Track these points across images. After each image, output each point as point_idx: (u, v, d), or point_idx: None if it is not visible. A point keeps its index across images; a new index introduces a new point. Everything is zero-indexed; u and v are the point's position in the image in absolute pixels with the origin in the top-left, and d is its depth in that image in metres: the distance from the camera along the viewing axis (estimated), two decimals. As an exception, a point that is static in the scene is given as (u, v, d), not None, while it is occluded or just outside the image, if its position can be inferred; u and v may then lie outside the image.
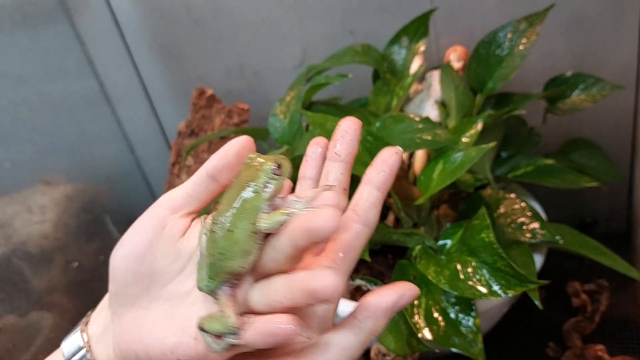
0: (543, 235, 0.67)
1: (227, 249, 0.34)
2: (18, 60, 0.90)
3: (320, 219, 0.31)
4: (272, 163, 0.34)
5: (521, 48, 0.74)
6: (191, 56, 1.03)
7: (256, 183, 0.34)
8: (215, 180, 0.39)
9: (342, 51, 0.85)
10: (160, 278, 0.40)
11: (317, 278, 0.33)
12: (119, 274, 0.40)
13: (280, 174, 0.34)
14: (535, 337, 0.80)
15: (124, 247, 0.40)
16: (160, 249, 0.39)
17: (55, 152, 0.99)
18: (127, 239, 0.40)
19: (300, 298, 0.33)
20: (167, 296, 0.40)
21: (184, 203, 0.40)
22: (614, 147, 0.85)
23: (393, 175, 0.40)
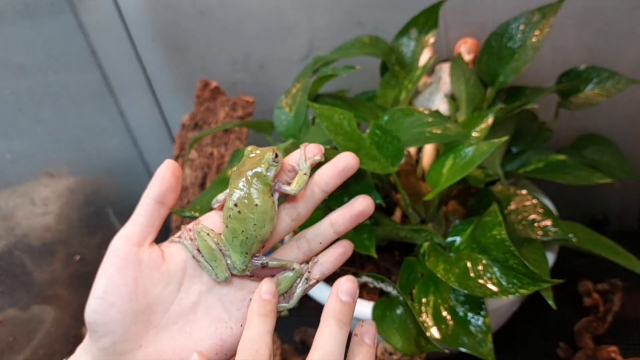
0: (555, 233, 0.65)
1: (259, 219, 0.42)
2: (21, 50, 0.89)
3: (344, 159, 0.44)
4: (272, 153, 0.42)
5: (534, 40, 0.72)
6: (195, 48, 1.01)
7: (262, 168, 0.42)
8: (163, 204, 0.42)
9: (349, 43, 0.83)
10: (159, 307, 0.41)
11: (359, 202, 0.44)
12: (115, 323, 0.39)
13: (278, 161, 0.42)
14: (545, 337, 0.78)
15: (110, 296, 0.39)
16: (148, 281, 0.41)
17: (57, 144, 0.98)
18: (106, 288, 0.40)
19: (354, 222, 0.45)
20: (173, 319, 0.41)
21: (145, 235, 0.41)
22: (628, 143, 0.83)
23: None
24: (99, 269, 0.41)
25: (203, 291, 0.43)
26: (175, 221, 1.01)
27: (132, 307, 0.40)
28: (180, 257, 0.42)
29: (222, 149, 0.96)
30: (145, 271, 0.40)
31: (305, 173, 0.43)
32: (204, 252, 0.42)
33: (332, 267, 0.45)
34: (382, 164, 0.61)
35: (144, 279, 0.40)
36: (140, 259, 0.41)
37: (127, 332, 0.40)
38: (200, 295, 0.43)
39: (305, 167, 0.43)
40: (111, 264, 0.40)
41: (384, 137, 0.63)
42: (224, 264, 0.42)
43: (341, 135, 0.61)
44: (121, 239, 0.41)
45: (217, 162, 0.96)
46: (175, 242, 0.43)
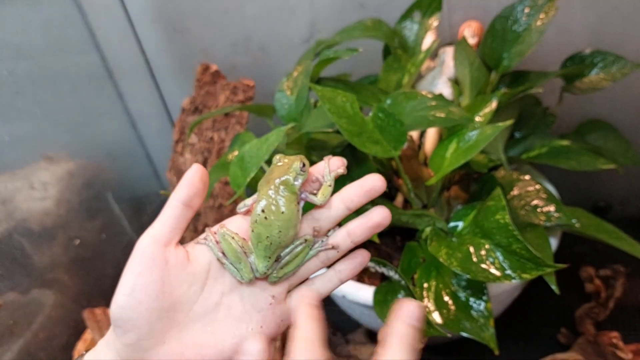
0: (558, 219, 0.64)
1: (284, 226, 0.43)
2: (19, 31, 0.88)
3: (371, 181, 0.46)
4: (300, 162, 0.44)
5: (539, 24, 0.71)
6: (196, 30, 1.00)
7: (289, 177, 0.44)
8: (190, 207, 0.43)
9: (352, 25, 0.82)
10: (183, 306, 0.43)
11: (376, 214, 0.46)
12: (141, 320, 0.41)
13: (305, 170, 0.44)
14: (546, 323, 0.78)
15: (138, 294, 0.41)
16: (173, 281, 0.42)
17: (56, 127, 0.97)
18: (135, 286, 0.41)
19: (370, 233, 0.46)
20: (195, 318, 0.43)
21: (172, 236, 0.43)
22: (632, 129, 0.83)
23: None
24: (126, 266, 0.42)
25: (225, 292, 0.45)
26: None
27: (158, 305, 0.41)
28: (205, 259, 0.44)
29: (223, 133, 0.96)
30: (171, 271, 0.42)
31: (330, 185, 0.45)
32: (228, 254, 0.44)
33: (350, 274, 0.47)
34: (384, 147, 0.61)
35: (170, 278, 0.42)
36: (167, 259, 0.42)
37: (152, 329, 0.41)
38: (222, 296, 0.45)
39: (330, 179, 0.46)
40: (140, 262, 0.42)
41: (386, 120, 0.62)
42: (248, 266, 0.44)
43: (344, 118, 0.60)
44: (149, 238, 0.42)
45: (218, 147, 0.96)
46: (201, 243, 0.45)
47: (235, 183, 0.62)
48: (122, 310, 0.41)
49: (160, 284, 0.41)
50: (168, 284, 0.42)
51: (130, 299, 0.41)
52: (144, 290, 0.41)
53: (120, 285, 0.41)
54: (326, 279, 0.47)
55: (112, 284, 1.00)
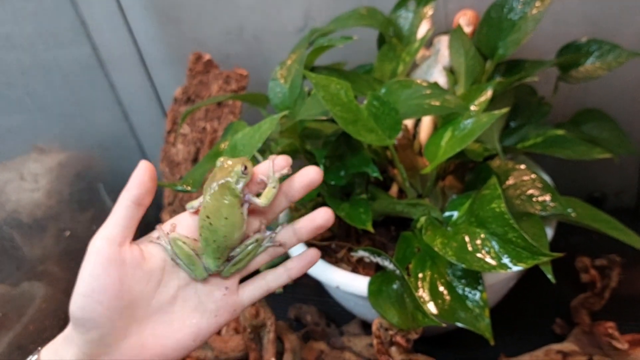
0: (554, 208, 0.64)
1: (228, 231, 0.45)
2: (9, 20, 0.86)
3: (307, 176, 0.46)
4: (241, 165, 0.44)
5: (535, 12, 0.70)
6: (188, 18, 0.99)
7: (231, 180, 0.44)
8: (141, 206, 0.44)
9: (346, 14, 0.81)
10: (141, 302, 0.44)
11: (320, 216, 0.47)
12: (102, 319, 0.42)
13: (247, 173, 0.44)
14: (542, 313, 0.78)
15: (97, 295, 0.42)
16: (131, 279, 0.44)
17: (47, 118, 0.96)
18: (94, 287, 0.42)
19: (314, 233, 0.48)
20: (153, 312, 0.45)
21: (125, 235, 0.44)
22: (628, 118, 0.82)
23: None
24: (82, 267, 0.43)
25: (181, 286, 0.47)
26: (167, 197, 1.00)
27: (117, 304, 0.42)
28: (160, 256, 0.46)
29: (215, 123, 0.95)
30: (128, 270, 0.43)
31: (274, 187, 0.45)
32: (181, 257, 0.45)
33: (299, 272, 0.49)
34: (379, 136, 0.60)
35: (127, 277, 0.43)
36: (124, 259, 0.43)
37: (113, 327, 0.43)
38: (178, 290, 0.46)
39: (274, 180, 0.46)
40: (96, 263, 0.42)
41: (381, 108, 0.62)
42: (201, 266, 0.46)
43: (338, 106, 0.59)
44: (103, 240, 0.43)
45: (210, 137, 0.95)
46: (155, 243, 0.46)
47: (227, 172, 0.61)
48: (82, 312, 0.42)
49: (118, 284, 0.42)
50: (126, 283, 0.43)
51: (89, 299, 0.42)
52: (102, 291, 0.42)
53: (78, 286, 0.42)
54: (277, 274, 0.49)
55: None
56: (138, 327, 0.44)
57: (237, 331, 0.75)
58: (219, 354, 0.72)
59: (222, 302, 0.47)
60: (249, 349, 0.70)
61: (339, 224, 0.77)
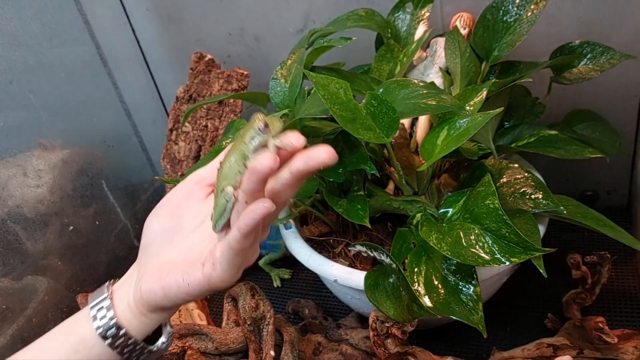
0: (546, 205, 0.66)
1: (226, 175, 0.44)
2: (14, 19, 0.88)
3: (319, 152, 0.40)
4: (261, 122, 0.42)
5: (529, 14, 0.72)
6: (190, 19, 1.01)
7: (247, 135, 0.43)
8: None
9: (345, 16, 0.83)
10: (183, 230, 0.50)
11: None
12: (150, 230, 0.50)
13: (265, 132, 0.42)
14: (534, 308, 0.80)
15: (158, 209, 0.51)
16: (186, 208, 0.50)
17: (51, 115, 0.97)
18: (161, 204, 0.52)
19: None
20: (186, 243, 0.49)
21: (206, 176, 0.52)
22: (619, 119, 0.84)
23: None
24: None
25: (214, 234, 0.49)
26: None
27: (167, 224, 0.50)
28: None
29: (217, 121, 0.96)
30: (188, 201, 0.51)
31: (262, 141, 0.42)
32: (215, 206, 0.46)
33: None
34: (377, 134, 0.62)
35: (184, 204, 0.51)
36: (191, 191, 0.51)
37: (155, 239, 0.50)
38: (209, 232, 0.48)
39: (272, 148, 0.42)
40: (176, 188, 0.52)
41: (379, 107, 0.63)
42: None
43: (337, 105, 0.61)
44: (191, 175, 0.52)
45: (212, 135, 0.97)
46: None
47: (229, 168, 0.63)
48: (147, 220, 0.51)
49: (175, 206, 0.51)
50: (181, 208, 0.50)
51: (155, 210, 0.51)
52: (163, 208, 0.51)
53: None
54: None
55: (105, 270, 1.01)
56: (171, 251, 0.49)
57: (237, 323, 0.77)
58: (219, 345, 0.74)
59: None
60: (248, 341, 0.72)
61: (337, 220, 0.79)
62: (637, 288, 0.80)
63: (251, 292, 0.74)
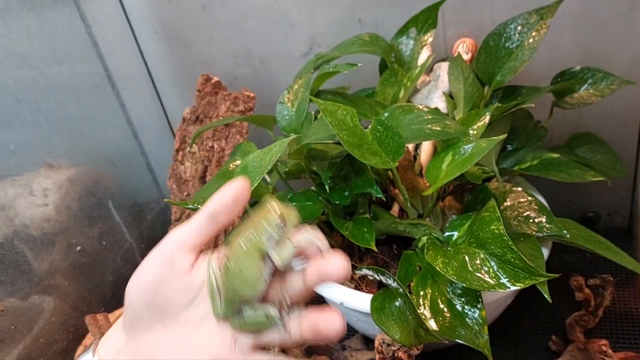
0: (550, 229, 0.67)
1: (239, 284, 0.42)
2: (24, 41, 0.89)
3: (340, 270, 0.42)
4: (277, 217, 0.41)
5: (531, 41, 0.73)
6: (197, 42, 1.02)
7: (262, 231, 0.41)
8: (215, 222, 0.45)
9: (350, 40, 0.84)
10: (171, 308, 0.45)
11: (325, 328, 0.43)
12: (134, 304, 0.45)
13: (281, 228, 0.41)
14: (538, 330, 0.80)
15: (138, 280, 0.45)
16: (171, 283, 0.45)
17: (59, 135, 0.99)
18: (140, 272, 0.45)
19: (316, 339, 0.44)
20: (179, 324, 0.45)
21: (187, 240, 0.45)
22: (620, 142, 0.86)
23: None
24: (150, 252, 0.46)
25: (208, 313, 0.46)
26: (175, 213, 1.03)
27: (149, 298, 0.45)
28: (204, 275, 0.46)
29: (223, 142, 0.98)
30: (173, 273, 0.45)
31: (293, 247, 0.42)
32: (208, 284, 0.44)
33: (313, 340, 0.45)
34: (383, 159, 0.63)
35: (168, 279, 0.45)
36: (173, 259, 0.45)
37: (141, 316, 0.45)
38: (205, 315, 0.45)
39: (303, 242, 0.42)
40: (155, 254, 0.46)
41: (385, 132, 0.64)
42: (218, 304, 0.44)
43: (344, 131, 0.62)
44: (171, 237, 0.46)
45: (218, 156, 0.98)
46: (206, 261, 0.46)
47: (238, 192, 0.64)
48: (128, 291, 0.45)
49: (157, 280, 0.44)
50: (164, 284, 0.44)
51: (134, 281, 0.45)
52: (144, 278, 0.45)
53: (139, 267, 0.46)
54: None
55: (111, 290, 1.01)
56: (162, 329, 0.45)
57: (244, 345, 0.77)
58: (226, 367, 0.74)
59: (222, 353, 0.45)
60: (255, 363, 0.73)
61: (342, 242, 0.80)
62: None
63: (257, 314, 0.75)
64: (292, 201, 0.75)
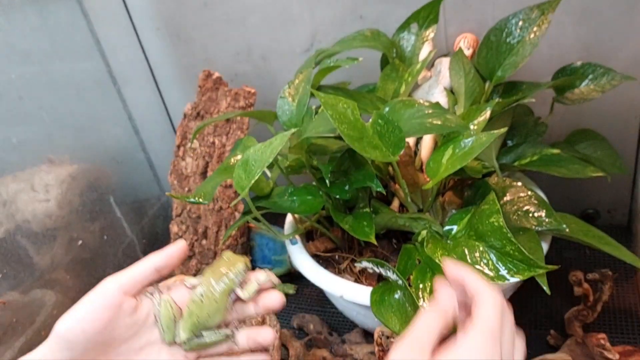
0: (549, 223, 0.67)
1: (213, 312, 0.53)
2: (27, 37, 0.90)
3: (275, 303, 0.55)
4: (244, 265, 0.54)
5: (532, 36, 0.74)
6: (199, 38, 1.03)
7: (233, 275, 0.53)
8: (159, 272, 0.52)
9: (351, 36, 0.85)
10: (115, 343, 0.50)
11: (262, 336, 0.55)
12: (79, 345, 0.48)
13: (245, 272, 0.54)
14: (536, 325, 0.81)
15: (86, 324, 0.48)
16: (119, 324, 0.49)
17: (60, 131, 0.99)
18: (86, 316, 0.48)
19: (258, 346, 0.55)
20: (121, 354, 0.50)
21: (133, 287, 0.51)
22: (620, 139, 0.86)
23: None
24: (86, 296, 0.49)
25: (150, 342, 0.52)
26: (176, 209, 1.03)
27: (97, 339, 0.48)
28: (146, 310, 0.52)
29: (224, 138, 0.98)
30: (120, 315, 0.50)
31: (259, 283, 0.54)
32: (163, 317, 0.52)
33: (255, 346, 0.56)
34: (383, 152, 0.63)
35: (116, 321, 0.49)
36: (121, 305, 0.50)
37: (85, 355, 0.48)
38: (147, 344, 0.52)
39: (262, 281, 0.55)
40: (99, 300, 0.49)
41: (386, 126, 0.65)
42: (173, 332, 0.52)
43: (345, 124, 0.63)
44: (115, 284, 0.50)
45: (219, 152, 0.98)
46: (148, 297, 0.53)
47: (239, 185, 0.65)
48: (66, 332, 0.47)
49: (106, 323, 0.48)
50: (112, 324, 0.49)
51: (77, 325, 0.48)
52: (91, 324, 0.48)
53: (75, 309, 0.48)
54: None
55: (112, 284, 1.01)
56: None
57: (244, 339, 0.77)
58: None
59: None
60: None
61: (342, 236, 0.80)
62: (638, 305, 0.81)
63: (258, 307, 0.75)
64: (292, 195, 0.75)
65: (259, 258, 1.02)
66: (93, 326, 0.48)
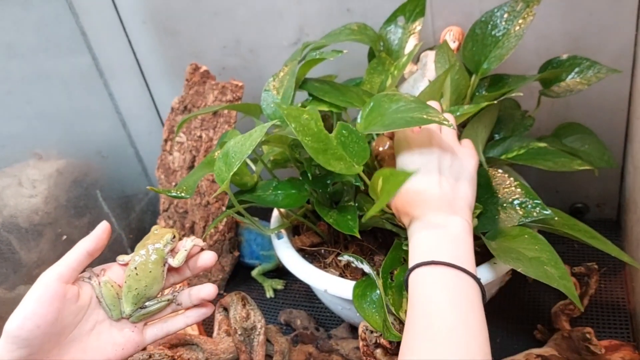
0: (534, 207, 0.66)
1: (150, 282, 0.57)
2: (10, 30, 0.89)
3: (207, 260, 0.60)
4: (171, 234, 0.58)
5: (517, 29, 0.73)
6: (186, 32, 1.02)
7: (161, 244, 0.57)
8: (91, 256, 0.55)
9: (338, 29, 0.84)
10: (67, 330, 0.53)
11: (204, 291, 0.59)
12: (36, 340, 0.50)
13: (174, 241, 0.58)
14: (523, 320, 0.80)
15: (38, 319, 0.50)
16: (67, 312, 0.52)
17: (47, 125, 0.98)
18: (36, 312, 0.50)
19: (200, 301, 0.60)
20: (74, 339, 0.54)
21: (72, 275, 0.54)
22: (608, 132, 0.85)
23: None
24: (29, 293, 0.51)
25: (98, 321, 0.56)
26: (163, 204, 1.03)
27: (51, 330, 0.51)
28: (88, 294, 0.55)
29: (211, 132, 0.97)
30: (67, 304, 0.52)
31: (186, 250, 0.58)
32: (106, 297, 0.55)
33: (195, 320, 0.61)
34: (347, 163, 0.61)
35: (64, 309, 0.52)
36: (65, 294, 0.52)
37: (41, 348, 0.50)
38: (96, 324, 0.56)
39: (187, 247, 0.58)
40: (44, 293, 0.51)
41: (349, 137, 0.63)
42: (119, 308, 0.56)
43: (309, 137, 0.61)
44: (54, 275, 0.52)
45: (206, 145, 0.97)
46: (86, 282, 0.56)
47: (219, 178, 0.64)
48: (20, 331, 0.49)
49: (57, 314, 0.51)
50: (62, 314, 0.51)
51: (29, 322, 0.49)
52: (43, 317, 0.50)
53: (21, 308, 0.50)
54: (176, 320, 0.60)
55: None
56: (59, 351, 0.52)
57: (228, 333, 0.77)
58: (209, 355, 0.74)
59: (129, 338, 0.57)
60: (239, 351, 0.73)
61: (328, 230, 0.79)
62: (625, 300, 0.81)
63: (242, 302, 0.75)
64: (276, 189, 0.75)
65: (247, 253, 1.01)
66: (46, 320, 0.50)
